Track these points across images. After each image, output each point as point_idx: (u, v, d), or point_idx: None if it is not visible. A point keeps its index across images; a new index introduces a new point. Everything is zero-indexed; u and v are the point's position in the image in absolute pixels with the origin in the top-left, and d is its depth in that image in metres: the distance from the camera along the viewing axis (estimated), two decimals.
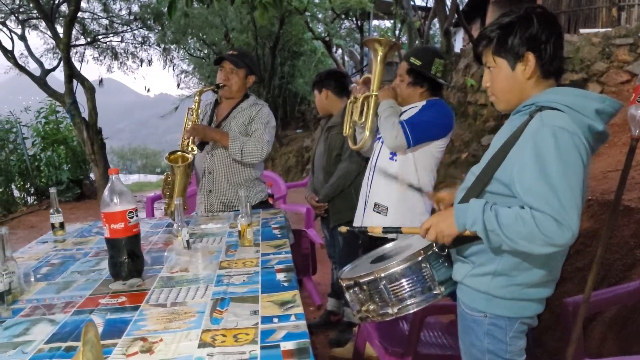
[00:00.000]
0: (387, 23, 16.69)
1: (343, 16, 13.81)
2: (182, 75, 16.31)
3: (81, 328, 1.15)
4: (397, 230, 1.63)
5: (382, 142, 2.49)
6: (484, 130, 6.58)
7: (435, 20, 9.93)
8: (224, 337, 1.24)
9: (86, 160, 9.22)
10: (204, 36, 13.43)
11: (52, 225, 2.41)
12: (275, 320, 1.33)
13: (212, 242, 2.16)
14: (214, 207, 2.82)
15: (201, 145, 2.72)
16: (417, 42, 10.94)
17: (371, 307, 1.54)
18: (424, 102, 2.46)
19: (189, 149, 2.63)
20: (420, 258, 1.50)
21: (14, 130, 9.25)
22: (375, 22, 15.85)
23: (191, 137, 2.64)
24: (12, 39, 9.60)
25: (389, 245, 1.86)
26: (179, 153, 2.61)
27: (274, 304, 1.43)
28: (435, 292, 1.51)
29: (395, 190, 2.45)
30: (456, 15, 9.50)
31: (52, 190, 2.33)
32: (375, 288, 1.52)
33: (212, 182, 2.81)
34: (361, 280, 1.54)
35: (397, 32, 13.98)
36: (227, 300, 1.48)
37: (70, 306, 1.51)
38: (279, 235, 2.20)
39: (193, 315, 1.38)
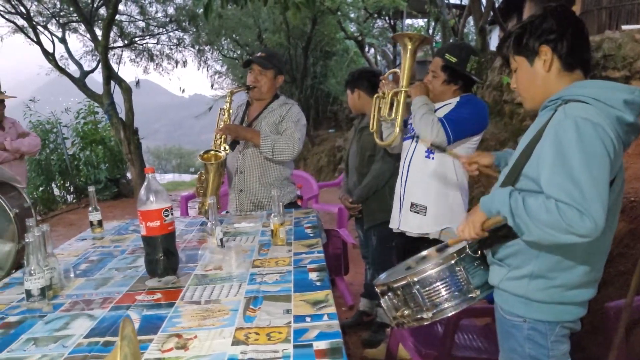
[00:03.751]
0: (421, 22, 16.51)
1: (376, 15, 13.73)
2: (216, 76, 16.52)
3: (118, 323, 1.18)
4: (445, 245, 1.60)
5: (417, 141, 2.46)
6: (521, 130, 6.42)
7: (470, 18, 9.76)
8: (257, 335, 1.25)
9: (123, 160, 9.44)
10: (237, 37, 13.56)
11: (91, 223, 2.46)
12: (308, 319, 1.33)
13: (245, 241, 2.17)
14: (244, 207, 2.85)
15: (233, 145, 2.76)
16: (451, 40, 10.78)
17: (406, 312, 1.52)
18: (457, 98, 2.42)
19: (222, 147, 2.68)
20: (453, 261, 1.47)
21: (55, 130, 9.57)
22: (408, 21, 15.70)
23: (223, 136, 2.68)
24: (53, 41, 9.87)
25: (424, 253, 1.84)
26: (212, 152, 2.67)
27: (307, 303, 1.43)
28: (470, 295, 1.48)
29: (433, 189, 2.41)
30: (492, 13, 9.31)
31: (91, 188, 2.39)
32: (409, 293, 1.50)
33: (243, 181, 2.83)
34: (394, 285, 1.52)
35: (430, 31, 13.80)
36: (260, 299, 1.48)
37: (108, 302, 1.54)
38: (311, 235, 2.20)
39: (227, 313, 1.39)
